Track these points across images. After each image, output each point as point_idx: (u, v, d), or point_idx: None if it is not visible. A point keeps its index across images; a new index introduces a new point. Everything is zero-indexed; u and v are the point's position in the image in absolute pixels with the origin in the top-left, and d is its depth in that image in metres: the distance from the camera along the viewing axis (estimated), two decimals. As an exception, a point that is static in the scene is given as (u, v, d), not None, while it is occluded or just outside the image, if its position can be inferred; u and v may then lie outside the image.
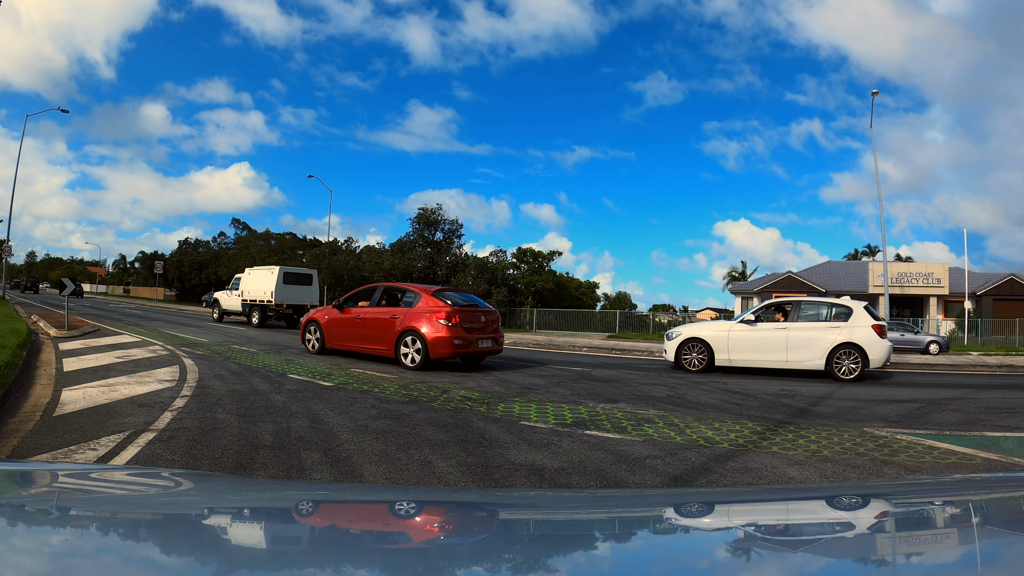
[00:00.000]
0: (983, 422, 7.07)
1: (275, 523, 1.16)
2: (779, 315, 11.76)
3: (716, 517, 1.25)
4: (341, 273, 35.91)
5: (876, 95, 22.63)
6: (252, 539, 1.04)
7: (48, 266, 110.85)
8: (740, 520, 1.23)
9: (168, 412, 5.78)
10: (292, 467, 4.24)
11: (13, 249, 36.11)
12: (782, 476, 4.49)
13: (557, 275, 40.32)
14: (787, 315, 11.67)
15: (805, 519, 1.23)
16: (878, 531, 1.16)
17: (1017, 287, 35.11)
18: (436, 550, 0.98)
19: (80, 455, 4.36)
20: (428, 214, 37.09)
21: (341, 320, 11.62)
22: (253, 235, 66.36)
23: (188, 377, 8.08)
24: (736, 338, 11.55)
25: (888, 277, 23.98)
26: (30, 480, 1.40)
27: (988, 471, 4.82)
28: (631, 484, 4.17)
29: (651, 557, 0.99)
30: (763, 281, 40.22)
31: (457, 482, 4.07)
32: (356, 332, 11.31)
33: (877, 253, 52.78)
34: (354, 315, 11.40)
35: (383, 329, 10.73)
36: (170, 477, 1.63)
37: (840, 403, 8.26)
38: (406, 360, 10.22)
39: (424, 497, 1.59)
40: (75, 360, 9.47)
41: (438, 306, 10.25)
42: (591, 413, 6.70)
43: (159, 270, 53.33)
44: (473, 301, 11.39)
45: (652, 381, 10.10)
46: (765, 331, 11.43)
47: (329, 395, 7.22)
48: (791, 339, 11.18)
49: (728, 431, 6.00)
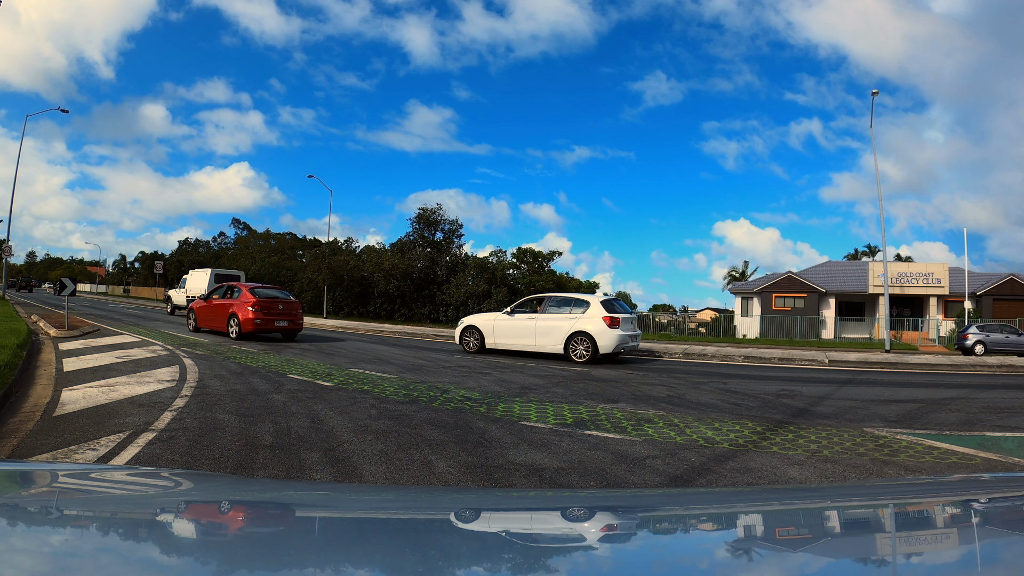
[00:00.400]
0: (983, 422, 7.07)
1: (275, 523, 1.16)
2: (539, 307, 14.01)
3: (716, 517, 1.25)
4: (341, 273, 35.83)
5: (876, 95, 22.63)
6: (252, 539, 1.04)
7: (48, 266, 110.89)
8: (740, 520, 1.23)
9: (168, 412, 5.78)
10: (292, 467, 4.24)
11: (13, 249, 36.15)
12: (782, 476, 4.49)
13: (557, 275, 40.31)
14: (540, 308, 13.92)
15: (805, 519, 1.23)
16: (878, 531, 1.16)
17: (1017, 287, 35.12)
18: (436, 550, 0.98)
19: (80, 455, 4.36)
20: (428, 214, 37.09)
21: (202, 307, 16.65)
22: (253, 235, 66.44)
23: (188, 377, 8.08)
24: (499, 326, 14.06)
25: (888, 277, 23.99)
26: (30, 480, 1.40)
27: (988, 471, 4.82)
28: (631, 484, 4.17)
29: (651, 557, 0.99)
30: (763, 281, 40.22)
31: (457, 482, 4.07)
32: (204, 315, 16.37)
33: (877, 253, 52.83)
34: (208, 303, 16.36)
35: (223, 310, 15.46)
36: (170, 477, 1.63)
37: (840, 403, 8.27)
38: (231, 333, 14.94)
39: (424, 497, 1.59)
40: (75, 360, 9.47)
41: (248, 298, 15.00)
42: (591, 413, 6.71)
43: (159, 270, 53.31)
44: (274, 295, 15.82)
45: (652, 381, 10.10)
46: (520, 320, 13.81)
47: (329, 395, 7.22)
48: (538, 327, 13.48)
49: (728, 431, 6.00)
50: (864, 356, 16.86)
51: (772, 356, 16.25)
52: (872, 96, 22.65)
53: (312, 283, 37.03)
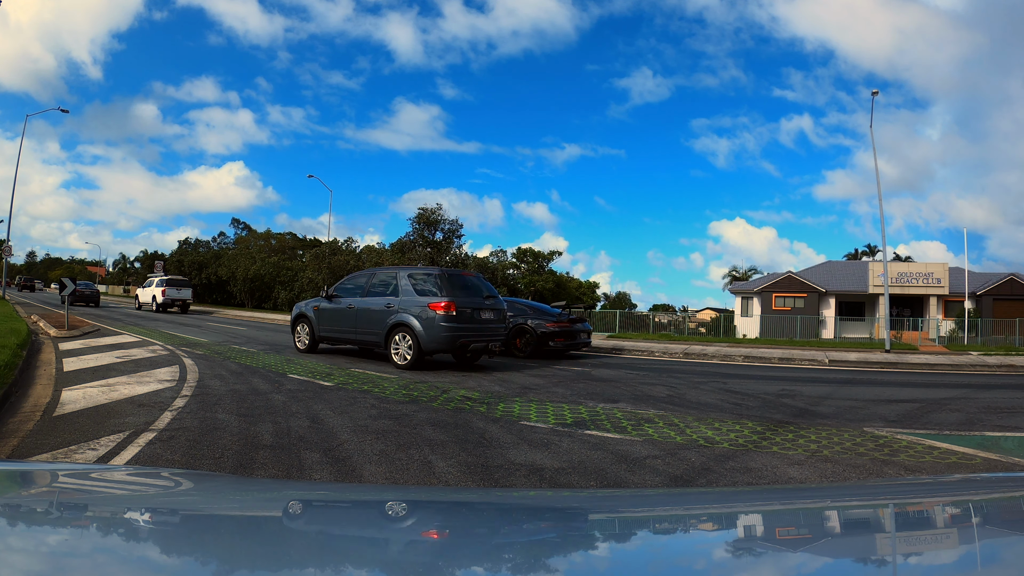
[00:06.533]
0: (983, 422, 7.07)
1: (275, 523, 1.16)
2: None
3: (716, 517, 1.25)
4: (341, 273, 35.88)
5: (876, 95, 22.59)
6: (252, 539, 1.04)
7: (48, 266, 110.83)
8: (740, 520, 1.23)
9: (168, 412, 5.78)
10: (292, 467, 4.24)
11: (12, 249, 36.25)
12: (782, 476, 4.49)
13: (557, 275, 40.31)
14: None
15: (805, 519, 1.23)
16: (878, 531, 1.16)
17: (1017, 287, 35.10)
18: (436, 550, 0.98)
19: (80, 455, 4.36)
20: (428, 214, 37.13)
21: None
22: (253, 235, 66.36)
23: (188, 377, 8.08)
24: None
25: (888, 277, 23.98)
26: (30, 480, 1.40)
27: (988, 471, 4.82)
28: (631, 484, 4.17)
29: (651, 557, 0.99)
30: (763, 281, 40.25)
31: (457, 482, 4.07)
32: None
33: (877, 253, 52.82)
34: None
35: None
36: (170, 477, 1.63)
37: (840, 403, 8.26)
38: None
39: (424, 497, 1.59)
40: (75, 360, 9.47)
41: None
42: (591, 413, 6.70)
43: (159, 270, 53.30)
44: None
45: (652, 381, 10.10)
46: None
47: (329, 395, 7.22)
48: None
49: (728, 431, 6.00)
50: (864, 356, 16.86)
51: (772, 356, 16.25)
52: (872, 96, 22.61)
53: (312, 283, 37.06)
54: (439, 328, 10.04)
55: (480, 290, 11.29)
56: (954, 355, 18.46)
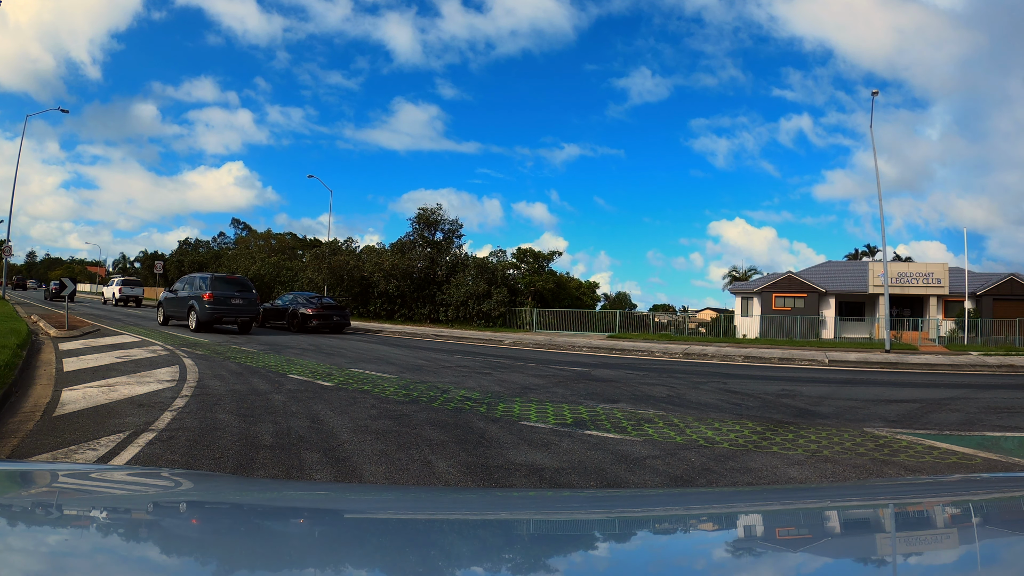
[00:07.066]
0: (983, 422, 7.07)
1: (275, 523, 1.16)
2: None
3: (716, 517, 1.25)
4: (341, 273, 35.87)
5: (876, 95, 22.59)
6: (252, 539, 1.04)
7: (48, 266, 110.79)
8: (740, 520, 1.23)
9: (168, 412, 5.78)
10: (292, 467, 4.24)
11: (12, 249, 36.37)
12: (782, 476, 4.49)
13: (557, 275, 40.27)
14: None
15: (805, 519, 1.23)
16: (878, 531, 1.16)
17: (1017, 287, 35.09)
18: (436, 550, 0.98)
19: (80, 455, 4.36)
20: (428, 214, 37.07)
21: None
22: (253, 235, 66.36)
23: (188, 377, 8.08)
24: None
25: (888, 277, 23.99)
26: (30, 480, 1.40)
27: (988, 471, 4.82)
28: (631, 484, 4.17)
29: (651, 557, 0.99)
30: (763, 281, 40.25)
31: (457, 482, 4.07)
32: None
33: (877, 253, 52.84)
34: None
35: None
36: (170, 477, 1.63)
37: (840, 403, 8.26)
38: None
39: (424, 497, 1.59)
40: (75, 360, 9.47)
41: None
42: (591, 413, 6.70)
43: (159, 270, 53.29)
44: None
45: (652, 381, 10.10)
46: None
47: (329, 395, 7.22)
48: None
49: (728, 431, 6.00)
50: (864, 356, 16.86)
51: (772, 356, 16.25)
52: (873, 97, 22.62)
53: (312, 283, 37.04)
54: (205, 309, 16.91)
55: (236, 286, 17.82)
56: (954, 355, 18.46)
